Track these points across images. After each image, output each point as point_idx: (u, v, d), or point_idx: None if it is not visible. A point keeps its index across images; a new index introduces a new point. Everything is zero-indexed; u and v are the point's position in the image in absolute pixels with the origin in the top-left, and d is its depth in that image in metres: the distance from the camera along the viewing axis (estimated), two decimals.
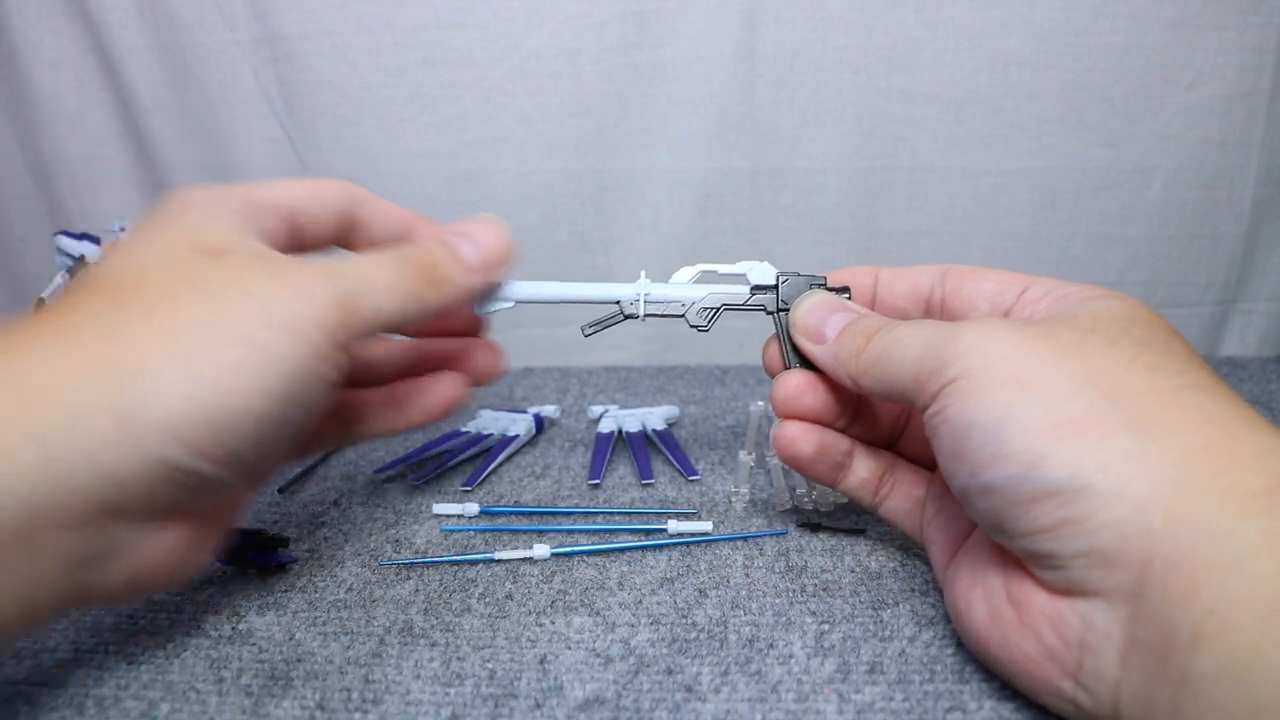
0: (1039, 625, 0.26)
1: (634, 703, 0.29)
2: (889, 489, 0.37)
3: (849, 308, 0.35)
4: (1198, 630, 0.22)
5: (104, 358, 0.25)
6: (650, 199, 0.69)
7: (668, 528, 0.40)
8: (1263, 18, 0.62)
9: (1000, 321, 0.29)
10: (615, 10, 0.63)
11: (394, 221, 0.36)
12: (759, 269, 0.38)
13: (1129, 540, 0.24)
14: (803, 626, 0.33)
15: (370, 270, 0.31)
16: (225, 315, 0.27)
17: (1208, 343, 0.72)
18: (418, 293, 0.32)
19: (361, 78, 0.66)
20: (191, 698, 0.30)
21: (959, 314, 0.35)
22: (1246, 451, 0.24)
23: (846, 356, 0.33)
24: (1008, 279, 0.34)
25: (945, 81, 0.64)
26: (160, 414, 0.25)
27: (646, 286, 0.38)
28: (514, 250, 0.36)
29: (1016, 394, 0.26)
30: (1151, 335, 0.28)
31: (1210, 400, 0.26)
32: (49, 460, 0.24)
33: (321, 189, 0.34)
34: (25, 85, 0.68)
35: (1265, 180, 0.66)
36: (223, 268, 0.28)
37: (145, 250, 0.29)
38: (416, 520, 0.43)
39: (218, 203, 0.31)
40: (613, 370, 0.69)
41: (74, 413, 0.24)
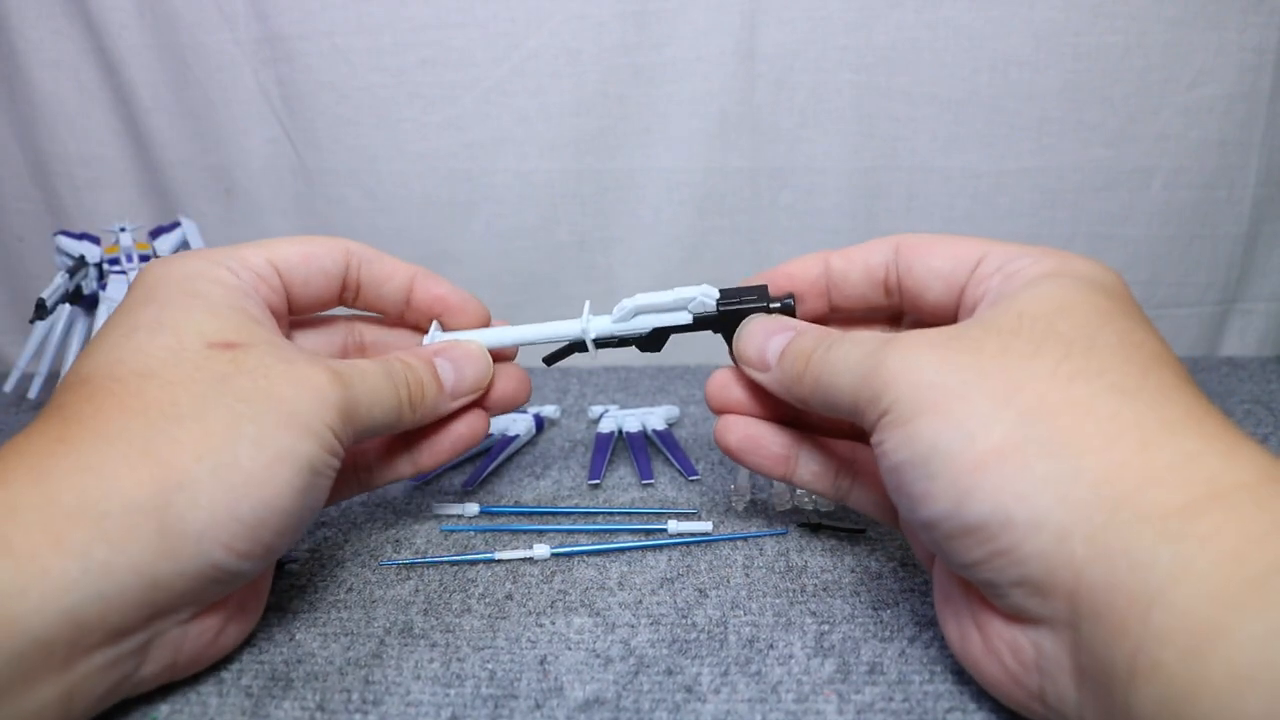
0: (1000, 650, 0.26)
1: (634, 703, 0.29)
2: (848, 482, 0.36)
3: (786, 326, 0.34)
4: (1132, 666, 0.21)
5: (147, 477, 0.26)
6: (650, 199, 0.69)
7: (668, 528, 0.40)
8: (1263, 18, 0.62)
9: (925, 338, 0.28)
10: (615, 10, 0.63)
11: (399, 284, 0.38)
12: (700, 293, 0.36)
13: (1056, 569, 0.23)
14: (803, 627, 0.33)
15: (369, 380, 0.33)
16: (255, 423, 0.28)
17: (1208, 343, 0.72)
18: (401, 411, 0.34)
19: (361, 78, 0.66)
20: (191, 698, 0.30)
21: (915, 296, 0.33)
22: (1163, 464, 0.23)
23: (791, 382, 0.33)
24: (960, 252, 0.32)
25: (945, 81, 0.64)
26: (203, 524, 0.27)
27: (588, 320, 0.39)
28: (490, 376, 0.38)
29: (939, 426, 0.26)
30: (1079, 329, 0.26)
31: (1128, 405, 0.24)
32: (94, 576, 0.25)
33: (316, 252, 0.35)
34: (25, 85, 0.68)
35: (1265, 180, 0.66)
36: (244, 370, 0.29)
37: (153, 343, 0.29)
38: (416, 520, 0.43)
39: (218, 281, 0.32)
40: (613, 370, 0.69)
41: (120, 529, 0.25)
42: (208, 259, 0.33)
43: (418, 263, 0.39)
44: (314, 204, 0.70)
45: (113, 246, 0.59)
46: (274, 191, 0.70)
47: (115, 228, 0.59)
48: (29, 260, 0.74)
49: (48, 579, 0.24)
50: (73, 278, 0.57)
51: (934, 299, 0.32)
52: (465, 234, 0.70)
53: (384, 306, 0.38)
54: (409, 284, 0.38)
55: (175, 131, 0.69)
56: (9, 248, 0.74)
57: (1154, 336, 0.27)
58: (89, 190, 0.71)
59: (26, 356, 0.62)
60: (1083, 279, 0.28)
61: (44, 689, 0.24)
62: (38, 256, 0.73)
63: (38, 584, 0.24)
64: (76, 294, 0.58)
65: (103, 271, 0.58)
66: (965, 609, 0.28)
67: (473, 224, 0.70)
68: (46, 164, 0.70)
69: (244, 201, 0.70)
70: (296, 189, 0.70)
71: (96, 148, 0.70)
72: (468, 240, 0.70)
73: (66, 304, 0.58)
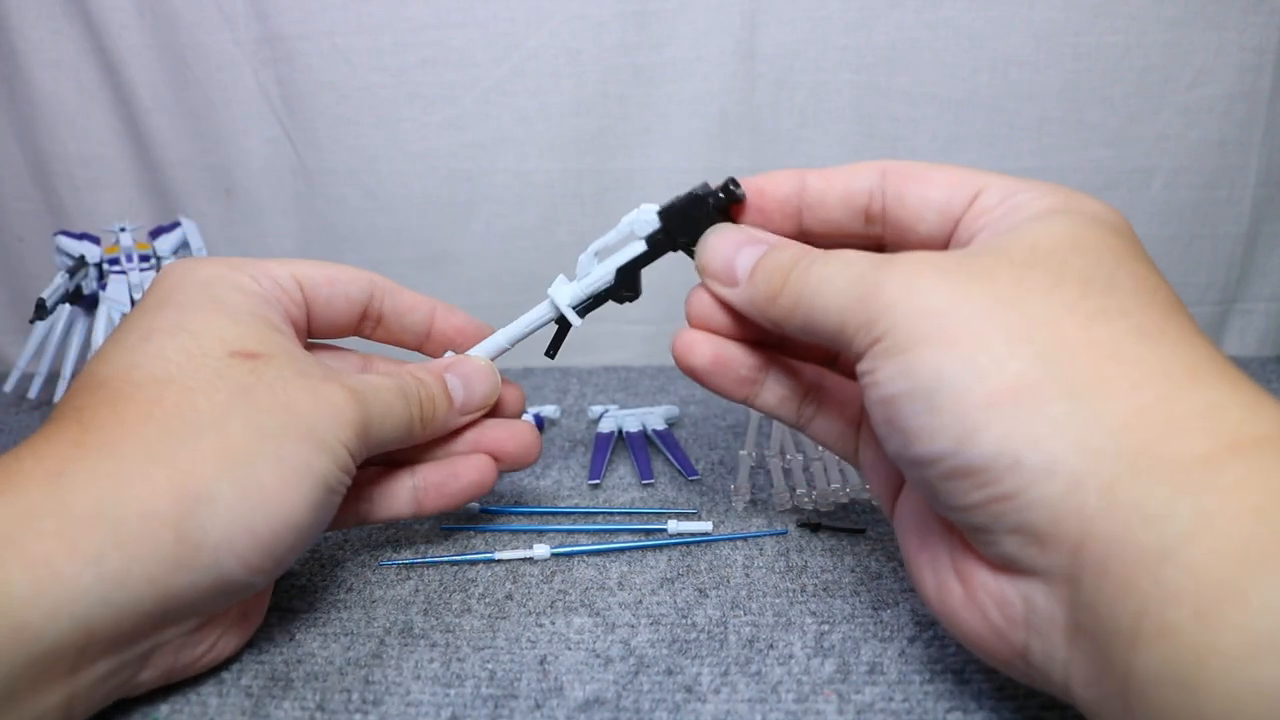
0: (985, 603, 0.25)
1: (634, 703, 0.29)
2: (812, 410, 0.34)
3: (758, 239, 0.31)
4: (1136, 627, 0.20)
5: (166, 486, 0.26)
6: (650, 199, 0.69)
7: (668, 528, 0.40)
8: (1263, 18, 0.62)
9: (929, 262, 0.26)
10: (615, 10, 0.63)
11: (421, 316, 0.38)
12: (642, 214, 0.35)
13: (1063, 519, 0.22)
14: (803, 627, 0.33)
15: (383, 397, 0.33)
16: (275, 438, 0.28)
17: None
18: (412, 428, 0.34)
19: (361, 78, 0.66)
20: (191, 698, 0.30)
21: (904, 228, 0.30)
22: (1185, 411, 0.22)
23: (763, 301, 0.30)
24: (957, 180, 0.29)
25: (945, 81, 0.64)
26: (219, 537, 0.26)
27: (554, 294, 0.38)
28: (498, 392, 0.39)
29: (947, 356, 0.24)
30: (1095, 267, 0.25)
31: (1152, 349, 0.23)
32: (108, 584, 0.24)
33: (341, 277, 0.36)
34: (25, 85, 0.68)
35: (1265, 180, 0.66)
36: (264, 382, 0.29)
37: (171, 346, 0.29)
38: (417, 520, 0.43)
39: (239, 287, 0.32)
40: (613, 370, 0.69)
41: (136, 538, 0.25)
42: (229, 265, 0.33)
43: (418, 263, 0.39)
44: (314, 204, 0.70)
45: (113, 246, 0.59)
46: (274, 191, 0.70)
47: (115, 228, 0.59)
48: (29, 260, 0.74)
49: (61, 585, 0.24)
50: (73, 278, 0.57)
51: (925, 231, 0.30)
52: (465, 234, 0.70)
53: (404, 339, 0.39)
54: (430, 317, 0.38)
55: (175, 131, 0.69)
56: (9, 248, 0.74)
57: (1163, 281, 0.26)
58: (89, 190, 0.71)
59: (26, 356, 0.62)
60: (1092, 216, 0.27)
61: (50, 694, 0.24)
62: (38, 256, 0.73)
63: (51, 590, 0.23)
64: (76, 294, 0.58)
65: (103, 271, 0.58)
66: (945, 556, 0.26)
67: (473, 224, 0.70)
68: (46, 164, 0.70)
69: (244, 201, 0.70)
70: (296, 189, 0.70)
71: (96, 148, 0.70)
72: (468, 240, 0.70)
73: (66, 304, 0.58)
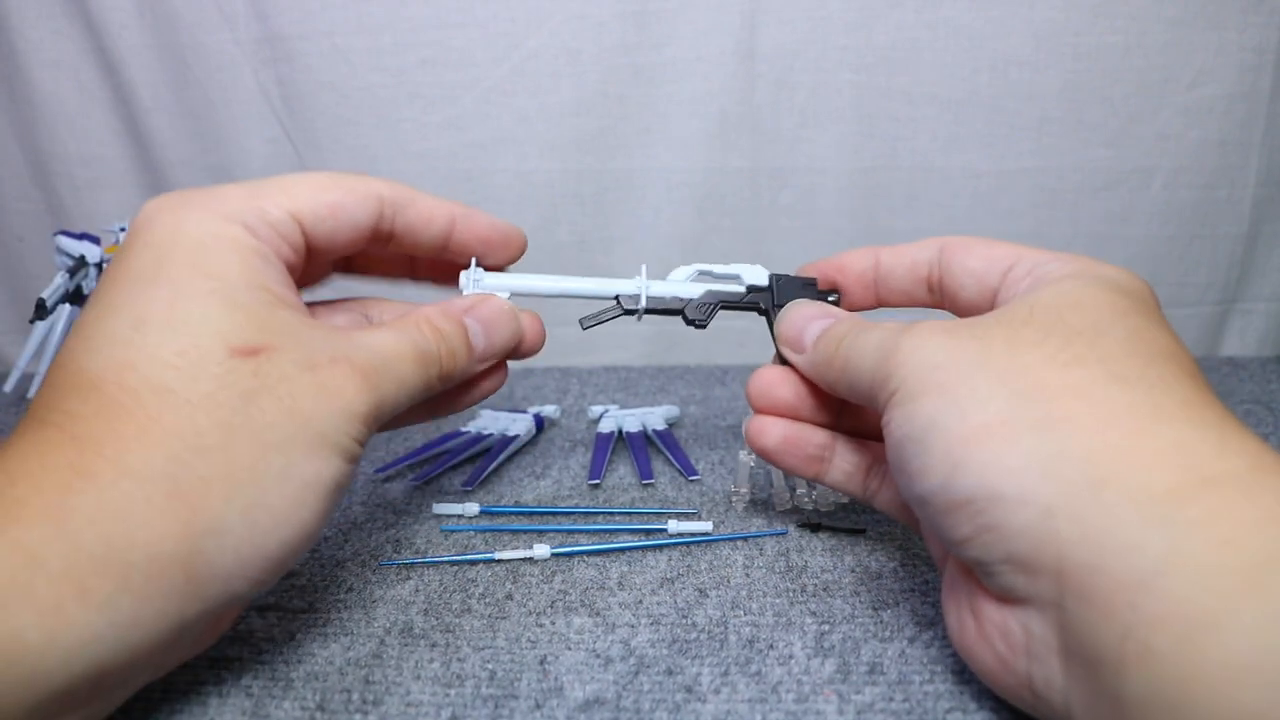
0: (992, 636, 0.26)
1: (634, 703, 0.29)
2: (878, 483, 0.36)
3: (828, 314, 0.35)
4: (1121, 651, 0.21)
5: (175, 522, 0.25)
6: (650, 199, 0.69)
7: (668, 528, 0.40)
8: (1263, 18, 0.62)
9: (940, 328, 0.29)
10: (615, 10, 0.63)
11: (438, 228, 0.35)
12: (752, 271, 0.39)
13: (1041, 547, 0.23)
14: (803, 627, 0.33)
15: (397, 370, 0.30)
16: (281, 452, 0.27)
17: (1208, 343, 0.72)
18: (430, 385, 0.32)
19: (361, 78, 0.66)
20: (191, 698, 0.30)
21: (952, 295, 0.34)
22: (1153, 447, 0.23)
23: (822, 364, 0.33)
24: (996, 254, 0.32)
25: (945, 81, 0.64)
26: (230, 567, 0.26)
27: (645, 283, 0.38)
28: (519, 336, 0.37)
29: (939, 402, 0.26)
30: (1088, 322, 0.27)
31: (1126, 391, 0.24)
32: (121, 629, 0.24)
33: (346, 202, 0.32)
34: (25, 85, 0.68)
35: (1265, 180, 0.66)
36: (267, 385, 0.27)
37: (168, 346, 0.26)
38: (416, 520, 0.43)
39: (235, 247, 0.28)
40: (613, 370, 0.68)
41: (146, 580, 0.24)
42: (221, 214, 0.29)
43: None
44: None
45: (113, 246, 0.59)
46: None
47: (115, 228, 0.59)
48: (29, 260, 0.74)
49: (73, 632, 0.23)
50: (73, 278, 0.57)
51: (968, 298, 0.33)
52: None
53: (419, 252, 0.36)
54: (449, 226, 0.35)
55: (175, 131, 0.69)
56: (9, 248, 0.74)
57: (1168, 336, 0.27)
58: (89, 190, 0.71)
59: (26, 356, 0.62)
60: (1104, 279, 0.29)
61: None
62: (38, 256, 0.73)
63: (63, 638, 0.23)
64: (76, 294, 0.58)
65: (103, 271, 0.58)
66: (965, 596, 0.28)
67: None
68: (46, 164, 0.70)
69: None
70: None
71: (96, 148, 0.70)
72: None
73: (66, 304, 0.58)
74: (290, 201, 0.30)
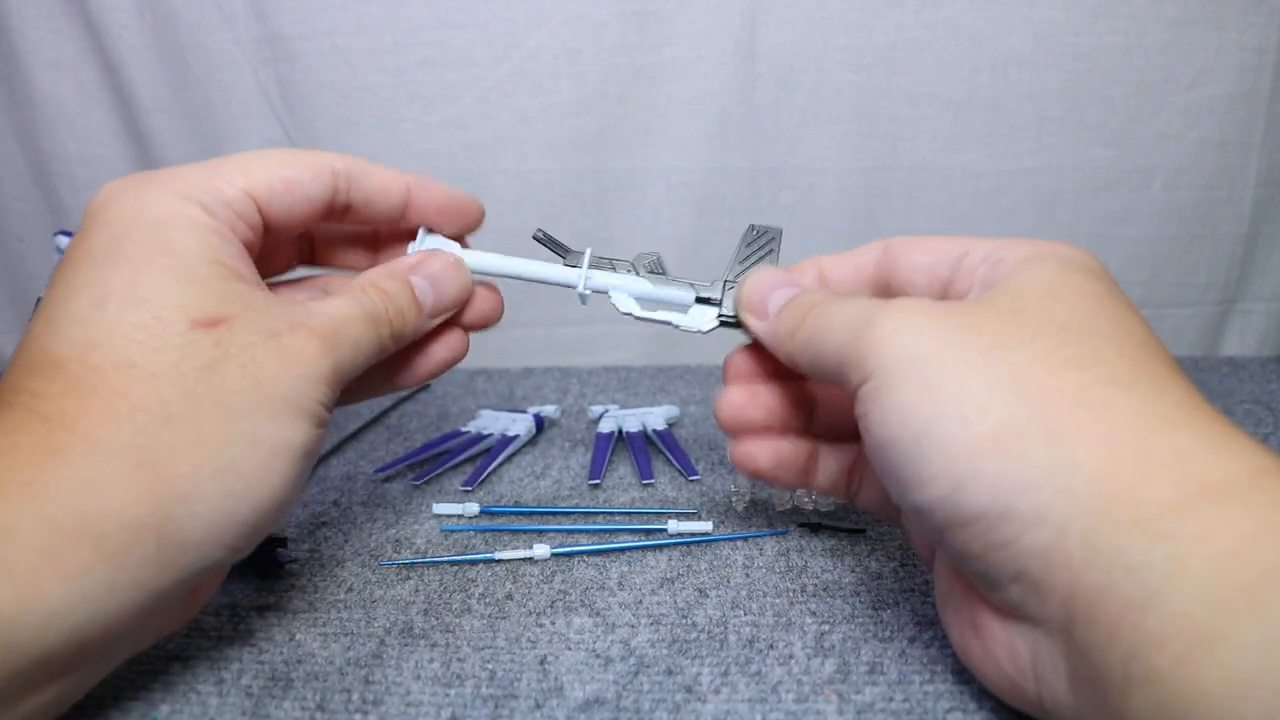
0: (998, 654, 0.26)
1: (634, 703, 0.29)
2: (859, 481, 0.36)
3: (794, 282, 0.34)
4: (1126, 673, 0.21)
5: (145, 490, 0.25)
6: (650, 199, 0.69)
7: (668, 528, 0.40)
8: (1263, 18, 0.62)
9: (922, 309, 0.27)
10: (615, 10, 0.63)
11: (394, 199, 0.35)
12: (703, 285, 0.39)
13: (1054, 569, 0.23)
14: (803, 627, 0.33)
15: (352, 332, 0.31)
16: (247, 418, 0.27)
17: (1208, 343, 0.72)
18: (384, 348, 0.33)
19: (361, 78, 0.66)
20: (191, 698, 0.30)
21: (901, 294, 0.33)
22: (1156, 460, 0.22)
23: (784, 334, 0.32)
24: (944, 246, 0.31)
25: (945, 81, 0.64)
26: (203, 532, 0.26)
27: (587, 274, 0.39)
28: (470, 287, 0.37)
29: (932, 405, 0.25)
30: (1074, 313, 0.26)
31: (1123, 396, 0.24)
32: (96, 598, 0.24)
33: (301, 177, 0.32)
34: (25, 85, 0.68)
35: (1265, 180, 0.66)
36: (229, 354, 0.27)
37: (128, 320, 0.27)
38: (416, 520, 0.43)
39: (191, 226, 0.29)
40: (613, 370, 0.68)
41: (119, 548, 0.24)
42: (178, 193, 0.29)
43: None
44: None
45: None
46: None
47: None
48: (29, 260, 0.73)
49: (48, 602, 0.23)
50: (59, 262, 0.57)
51: (919, 293, 0.32)
52: None
53: (376, 223, 0.36)
54: (404, 196, 0.35)
55: (175, 131, 0.69)
56: (9, 248, 0.74)
57: (1141, 322, 0.27)
58: (89, 190, 0.70)
59: None
60: (1067, 262, 0.28)
61: (43, 694, 0.24)
62: (38, 256, 0.73)
63: (39, 608, 0.23)
64: None
65: None
66: (965, 608, 0.27)
67: None
68: (46, 164, 0.70)
69: None
70: None
71: (96, 148, 0.70)
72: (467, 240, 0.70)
73: None
74: (245, 179, 0.31)
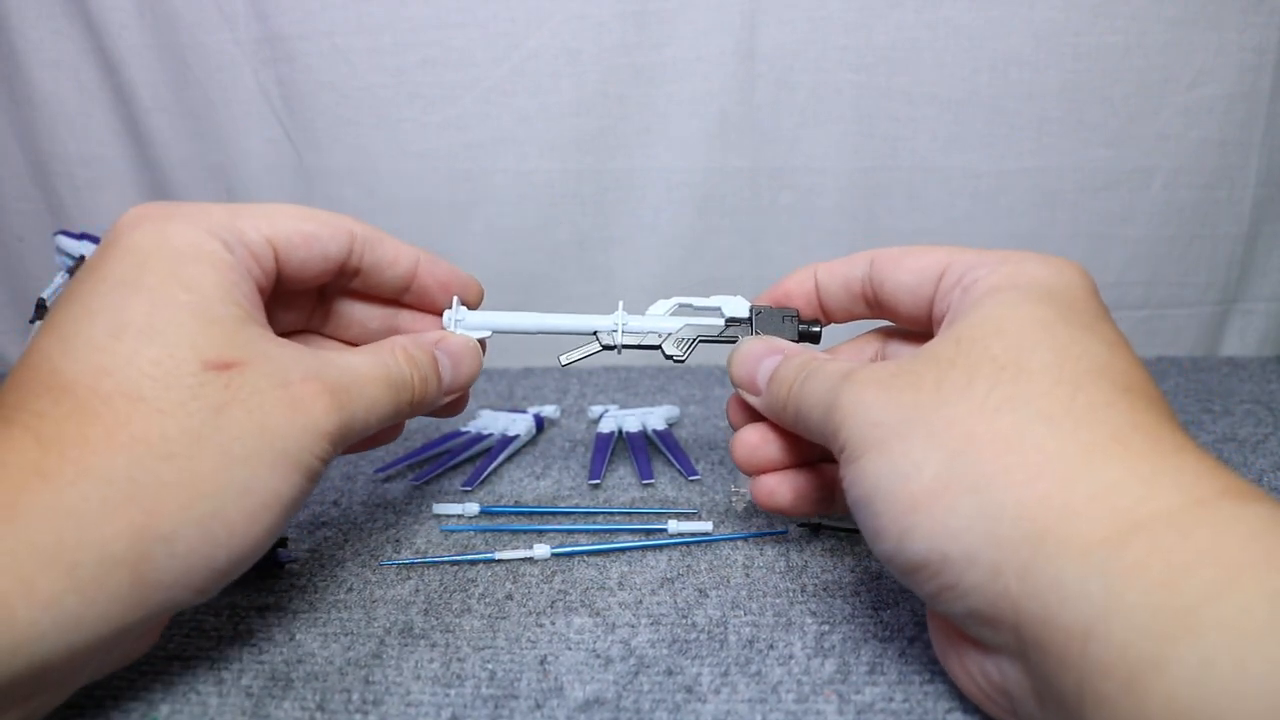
0: (974, 674, 0.27)
1: (634, 703, 0.29)
2: None
3: (774, 350, 0.35)
4: (1079, 696, 0.22)
5: (126, 526, 0.25)
6: (650, 199, 0.69)
7: (668, 528, 0.40)
8: (1263, 18, 0.62)
9: (873, 378, 0.29)
10: (615, 10, 0.63)
11: (403, 269, 0.36)
12: (732, 302, 0.38)
13: (997, 602, 0.24)
14: (803, 627, 0.33)
15: (369, 392, 0.31)
16: (245, 466, 0.27)
17: (1208, 343, 0.72)
18: (399, 412, 0.33)
19: (361, 78, 0.66)
20: (191, 698, 0.30)
21: (891, 310, 0.34)
22: (1082, 496, 0.23)
23: (778, 409, 0.33)
24: (924, 265, 0.32)
25: (945, 81, 0.64)
26: (177, 574, 0.26)
27: (624, 318, 0.38)
28: (479, 371, 0.37)
29: (880, 465, 0.27)
30: (1011, 349, 0.26)
31: (1052, 433, 0.24)
32: (64, 628, 0.23)
33: (320, 234, 0.33)
34: (25, 85, 0.68)
35: (1265, 180, 0.66)
36: (238, 399, 0.27)
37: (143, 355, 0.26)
38: (416, 520, 0.43)
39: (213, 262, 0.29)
40: (613, 370, 0.68)
41: (93, 581, 0.24)
42: (203, 227, 0.29)
43: None
44: (314, 204, 0.69)
45: None
46: (274, 191, 0.70)
47: None
48: (29, 260, 0.73)
49: (16, 629, 0.23)
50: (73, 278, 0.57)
51: (906, 312, 0.33)
52: (465, 234, 0.70)
53: (383, 291, 0.36)
54: (413, 269, 0.36)
55: (175, 131, 0.69)
56: (9, 248, 0.74)
57: (1098, 343, 0.27)
58: (89, 190, 0.71)
59: None
60: (1029, 289, 0.28)
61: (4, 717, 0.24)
62: (38, 256, 0.73)
63: (6, 633, 0.22)
64: None
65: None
66: (942, 636, 0.29)
67: (473, 224, 0.70)
68: (46, 164, 0.70)
69: (244, 201, 0.70)
70: (296, 189, 0.70)
71: (96, 148, 0.70)
72: (468, 240, 0.70)
73: None
74: (268, 226, 0.31)
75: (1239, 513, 0.22)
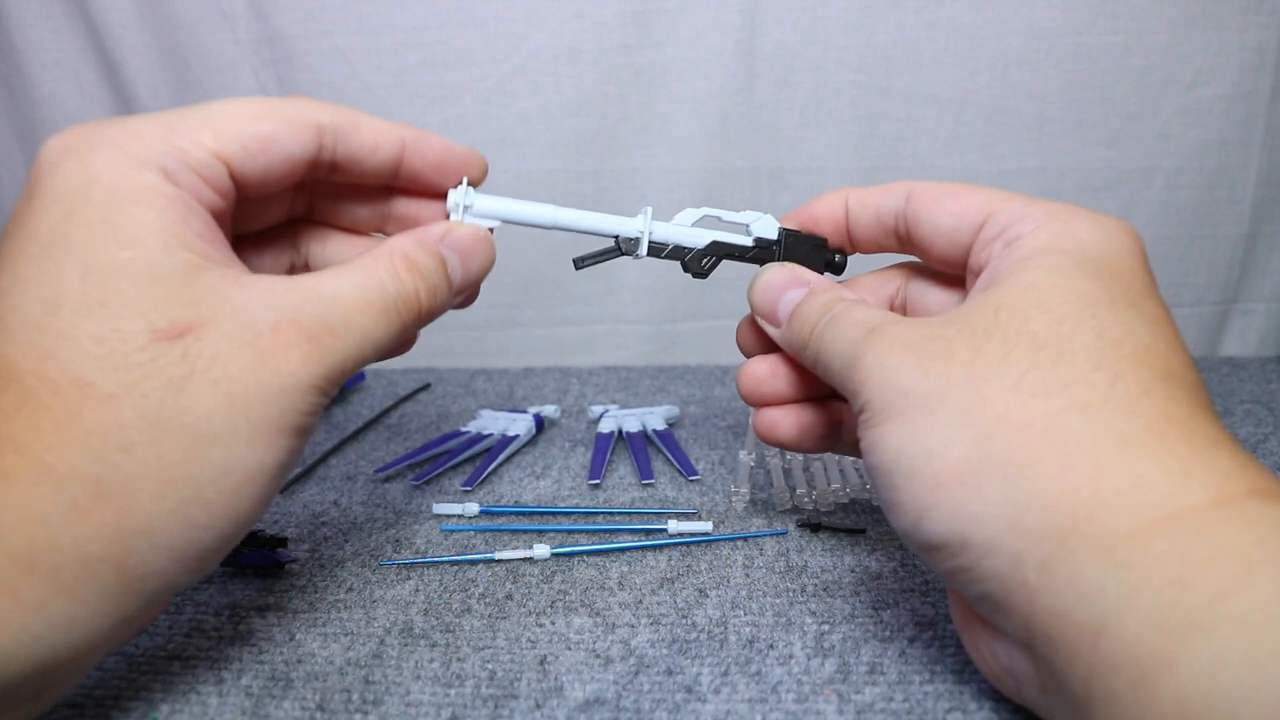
0: (984, 653, 0.27)
1: (634, 703, 0.29)
2: None
3: (800, 281, 0.33)
4: (1087, 692, 0.22)
5: (99, 523, 0.23)
6: (650, 199, 0.69)
7: (668, 528, 0.40)
8: (1263, 18, 0.62)
9: (899, 339, 0.27)
10: (615, 10, 0.63)
11: (385, 156, 0.30)
12: (762, 221, 0.36)
13: (1012, 591, 0.24)
14: (803, 627, 0.33)
15: (359, 324, 0.27)
16: (219, 444, 0.24)
17: (1208, 343, 0.72)
18: (405, 332, 0.29)
19: (361, 78, 0.66)
20: (191, 698, 0.30)
21: (924, 249, 0.32)
22: (1112, 490, 0.23)
23: (797, 347, 0.32)
24: (967, 209, 0.30)
25: (945, 81, 0.64)
26: (165, 562, 0.25)
27: (649, 224, 0.36)
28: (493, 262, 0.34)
29: (904, 437, 0.26)
30: (1054, 328, 0.25)
31: (1088, 423, 0.24)
32: (58, 630, 0.23)
33: (279, 134, 0.27)
34: (25, 85, 0.68)
35: (1265, 180, 0.66)
36: (199, 370, 0.24)
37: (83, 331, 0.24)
38: (416, 520, 0.43)
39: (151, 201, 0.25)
40: (613, 370, 0.68)
41: (76, 581, 0.23)
42: (134, 157, 0.25)
43: None
44: None
45: None
46: None
47: None
48: None
49: (9, 636, 0.22)
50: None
51: (940, 255, 0.32)
52: None
53: (364, 181, 0.31)
54: (397, 154, 0.31)
55: None
56: None
57: (1142, 324, 0.26)
58: None
59: None
60: (1076, 256, 0.27)
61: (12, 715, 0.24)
62: None
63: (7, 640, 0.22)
64: None
65: None
66: (962, 611, 0.28)
67: None
68: None
69: None
70: None
71: None
72: None
73: None
74: (214, 138, 0.26)
75: (1264, 512, 0.22)
